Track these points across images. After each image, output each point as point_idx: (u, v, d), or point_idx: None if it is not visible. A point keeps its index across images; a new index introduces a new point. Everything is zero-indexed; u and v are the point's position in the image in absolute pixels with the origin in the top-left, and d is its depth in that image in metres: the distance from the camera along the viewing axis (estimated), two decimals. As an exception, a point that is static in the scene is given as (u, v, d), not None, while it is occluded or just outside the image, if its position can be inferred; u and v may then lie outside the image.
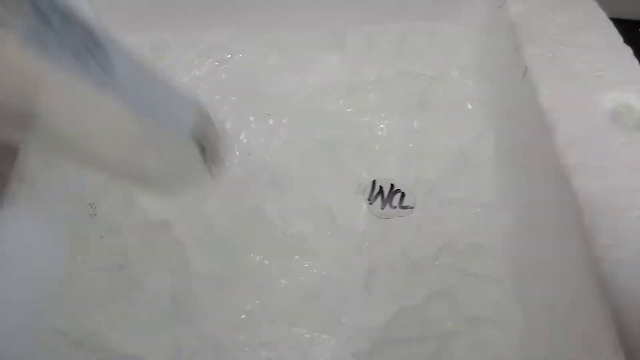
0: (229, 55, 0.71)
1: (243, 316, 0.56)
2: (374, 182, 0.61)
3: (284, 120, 0.68)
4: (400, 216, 0.60)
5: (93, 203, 0.63)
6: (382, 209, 0.60)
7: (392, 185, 0.61)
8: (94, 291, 0.56)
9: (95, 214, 0.62)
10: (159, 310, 0.56)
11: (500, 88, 0.63)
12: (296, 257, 0.59)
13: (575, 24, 0.57)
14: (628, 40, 0.54)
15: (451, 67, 0.70)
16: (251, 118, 0.67)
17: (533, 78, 0.53)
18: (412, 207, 0.60)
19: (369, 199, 0.60)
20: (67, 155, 0.40)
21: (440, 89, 0.68)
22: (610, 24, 0.57)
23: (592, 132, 0.49)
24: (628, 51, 0.54)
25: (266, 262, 0.58)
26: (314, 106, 0.69)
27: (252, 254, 0.59)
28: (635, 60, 0.53)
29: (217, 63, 0.71)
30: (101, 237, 0.60)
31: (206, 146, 0.45)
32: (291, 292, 0.57)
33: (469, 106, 0.67)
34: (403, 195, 0.60)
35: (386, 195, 0.60)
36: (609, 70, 0.52)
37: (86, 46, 0.32)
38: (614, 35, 0.56)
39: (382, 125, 0.67)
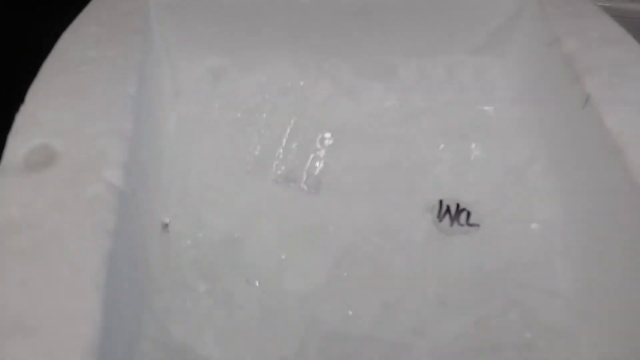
0: (289, 84, 0.74)
1: (328, 328, 0.57)
2: (440, 202, 0.65)
3: (347, 145, 0.71)
4: (466, 233, 0.63)
5: (166, 222, 0.64)
6: (451, 226, 0.63)
7: (457, 204, 0.64)
8: (179, 302, 0.57)
9: (168, 232, 0.63)
10: (244, 319, 0.57)
11: (551, 115, 0.68)
12: (371, 271, 0.61)
13: (626, 58, 0.63)
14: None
15: (497, 98, 0.75)
16: (317, 145, 0.70)
17: (596, 105, 0.58)
18: (478, 225, 0.63)
19: (437, 217, 0.64)
20: None
21: (488, 117, 0.73)
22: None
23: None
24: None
25: (345, 275, 0.60)
26: (371, 131, 0.73)
27: (324, 268, 0.61)
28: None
29: (276, 89, 0.74)
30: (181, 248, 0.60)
31: None
32: (369, 306, 0.59)
33: (518, 133, 0.72)
34: (469, 213, 0.64)
35: (453, 213, 0.64)
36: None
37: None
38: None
39: (438, 149, 0.71)
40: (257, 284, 0.60)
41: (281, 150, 0.69)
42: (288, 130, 0.70)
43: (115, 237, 0.47)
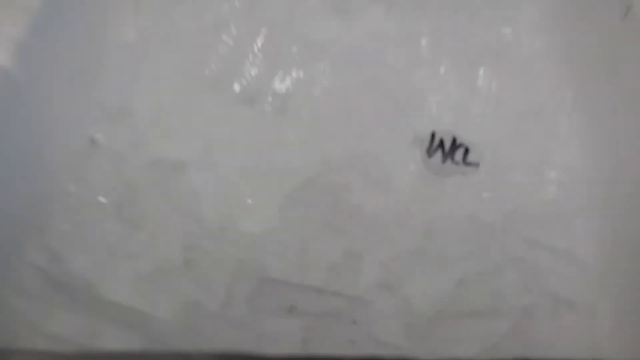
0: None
1: (269, 275, 0.46)
2: (433, 134, 0.52)
3: (327, 66, 0.59)
4: (462, 174, 0.50)
5: (95, 137, 0.53)
6: (443, 163, 0.50)
7: (454, 138, 0.51)
8: (86, 229, 0.46)
9: (97, 146, 0.53)
10: (165, 258, 0.46)
11: (582, 39, 0.54)
12: (335, 207, 0.49)
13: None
14: None
15: (519, 21, 0.61)
16: (290, 61, 0.58)
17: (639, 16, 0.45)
18: (477, 164, 0.50)
19: (427, 152, 0.51)
20: None
21: (507, 43, 0.60)
22: None
23: None
24: None
25: (303, 214, 0.48)
26: (360, 54, 0.60)
27: (279, 204, 0.50)
28: None
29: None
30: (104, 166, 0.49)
31: None
32: (329, 253, 0.47)
33: (540, 62, 0.58)
34: (467, 150, 0.51)
35: (447, 149, 0.51)
36: None
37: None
38: None
39: (438, 77, 0.58)
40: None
41: (248, 66, 0.58)
42: (257, 43, 0.58)
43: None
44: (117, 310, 0.42)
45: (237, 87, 0.57)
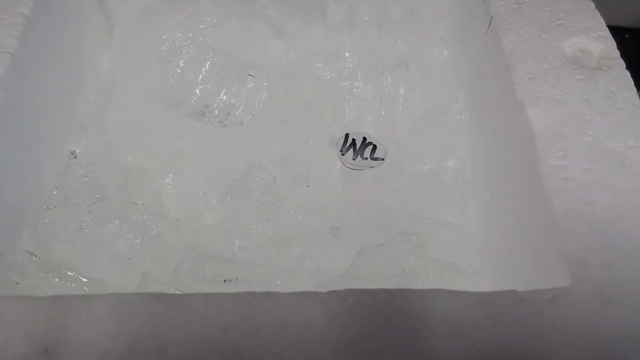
0: (216, 21, 0.74)
1: (212, 252, 0.57)
2: (347, 135, 0.63)
3: (266, 82, 0.70)
4: (371, 167, 0.61)
5: (74, 150, 0.65)
6: (354, 159, 0.61)
7: (364, 138, 0.62)
8: (67, 224, 0.58)
9: (75, 157, 0.65)
10: (128, 244, 0.57)
11: (471, 49, 0.65)
12: (265, 199, 0.60)
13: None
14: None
15: (429, 37, 0.72)
16: (232, 80, 0.69)
17: (498, 26, 0.55)
18: (382, 159, 0.61)
19: (341, 150, 0.62)
20: None
21: (416, 55, 0.70)
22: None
23: (551, 70, 0.50)
24: (589, 4, 0.56)
25: (239, 204, 0.60)
26: (295, 71, 0.72)
27: (226, 197, 0.61)
28: (597, 12, 0.55)
29: (203, 26, 0.74)
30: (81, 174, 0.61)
31: None
32: (258, 236, 0.58)
33: (442, 71, 0.69)
34: (375, 147, 0.62)
35: (358, 147, 0.62)
36: (570, 20, 0.54)
37: None
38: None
39: (358, 86, 0.69)
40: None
41: (198, 85, 0.69)
42: (206, 65, 0.70)
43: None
44: (93, 285, 0.54)
45: (190, 104, 0.68)
